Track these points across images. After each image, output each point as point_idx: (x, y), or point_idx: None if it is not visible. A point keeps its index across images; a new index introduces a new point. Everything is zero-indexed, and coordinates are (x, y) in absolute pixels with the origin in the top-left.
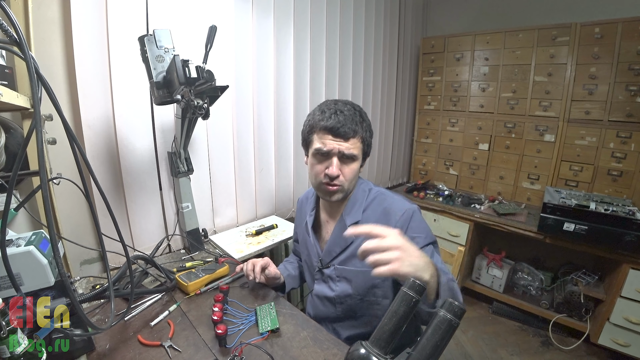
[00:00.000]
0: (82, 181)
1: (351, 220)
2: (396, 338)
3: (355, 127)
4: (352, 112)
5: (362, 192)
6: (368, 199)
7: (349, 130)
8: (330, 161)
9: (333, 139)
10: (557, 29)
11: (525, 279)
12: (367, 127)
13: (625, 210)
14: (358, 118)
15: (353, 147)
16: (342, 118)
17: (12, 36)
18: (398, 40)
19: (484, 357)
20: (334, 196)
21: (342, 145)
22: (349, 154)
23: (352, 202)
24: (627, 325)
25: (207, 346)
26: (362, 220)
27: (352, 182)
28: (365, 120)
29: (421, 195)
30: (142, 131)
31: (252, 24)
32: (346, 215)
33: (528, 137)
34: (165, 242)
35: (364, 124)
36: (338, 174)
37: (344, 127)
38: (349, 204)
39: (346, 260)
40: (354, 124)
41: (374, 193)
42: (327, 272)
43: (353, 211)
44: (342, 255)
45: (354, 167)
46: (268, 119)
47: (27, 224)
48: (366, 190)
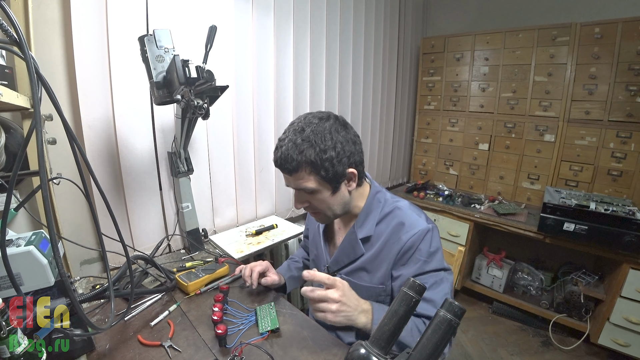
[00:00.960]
0: (82, 181)
1: (363, 233)
2: (396, 338)
3: (293, 163)
4: (292, 142)
5: (377, 203)
6: (383, 211)
7: (289, 167)
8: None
9: (283, 173)
10: (557, 29)
11: (525, 279)
12: (320, 150)
13: (625, 210)
14: (300, 147)
15: (301, 181)
16: (279, 154)
17: (12, 36)
18: (398, 40)
19: (484, 357)
20: (320, 222)
21: (290, 181)
22: (301, 188)
23: (365, 212)
24: (627, 325)
25: (207, 346)
26: (374, 235)
27: (335, 209)
28: (316, 143)
29: (421, 195)
30: (142, 131)
31: (252, 23)
32: (358, 228)
33: (528, 137)
34: (165, 242)
35: (312, 150)
36: (299, 207)
37: (284, 164)
38: (361, 215)
39: (353, 273)
40: (290, 158)
41: (389, 205)
42: None
43: (365, 223)
44: (349, 267)
45: (321, 197)
46: (268, 119)
47: (27, 224)
48: (381, 201)
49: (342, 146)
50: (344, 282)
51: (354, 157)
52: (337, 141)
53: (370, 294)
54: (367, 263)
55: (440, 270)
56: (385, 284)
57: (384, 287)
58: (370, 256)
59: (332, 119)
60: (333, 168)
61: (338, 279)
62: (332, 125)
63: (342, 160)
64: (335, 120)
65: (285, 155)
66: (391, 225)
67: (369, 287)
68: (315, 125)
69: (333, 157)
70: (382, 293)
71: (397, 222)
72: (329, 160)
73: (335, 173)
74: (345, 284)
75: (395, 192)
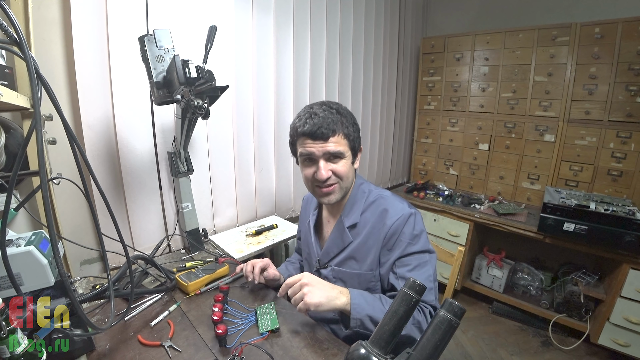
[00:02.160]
0: (82, 181)
1: (349, 222)
2: (396, 338)
3: (334, 126)
4: (328, 112)
5: (362, 193)
6: (367, 201)
7: (327, 131)
8: (318, 165)
9: (313, 142)
10: (557, 29)
11: (525, 279)
12: (349, 122)
13: (625, 210)
14: (335, 116)
15: (336, 145)
16: (317, 120)
17: (12, 36)
18: (398, 40)
19: (484, 357)
20: (331, 197)
21: (324, 146)
22: (333, 152)
23: (351, 202)
24: (627, 325)
25: (207, 346)
26: (360, 223)
27: (348, 180)
28: (346, 115)
29: (421, 195)
30: (142, 131)
31: (252, 23)
32: (344, 217)
33: (528, 137)
34: (165, 242)
35: (344, 119)
36: (328, 176)
37: (321, 129)
38: (347, 205)
39: (343, 262)
40: (331, 123)
41: (374, 195)
42: (325, 273)
43: (351, 212)
44: (340, 257)
45: (344, 163)
46: (268, 119)
47: (27, 224)
48: (366, 192)
49: (358, 126)
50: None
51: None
52: (356, 121)
53: (361, 280)
54: (355, 251)
55: (425, 253)
56: (374, 270)
57: (373, 272)
58: (357, 244)
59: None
60: (357, 139)
61: (303, 273)
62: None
63: (359, 136)
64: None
65: (324, 120)
66: (376, 213)
67: (359, 274)
68: (338, 105)
69: (358, 129)
70: (373, 279)
71: (381, 210)
72: (357, 131)
73: (356, 144)
74: (312, 275)
75: (395, 192)
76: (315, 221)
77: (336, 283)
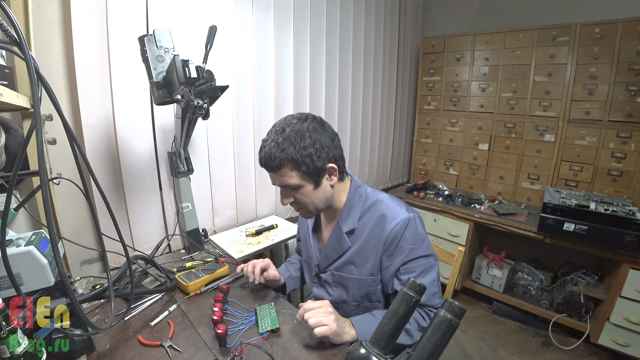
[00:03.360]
0: (82, 181)
1: (347, 227)
2: (396, 338)
3: (277, 161)
4: (274, 142)
5: (359, 197)
6: (365, 206)
7: (273, 165)
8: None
9: (268, 172)
10: (557, 29)
11: (525, 279)
12: (299, 148)
13: (625, 210)
14: (280, 147)
15: (286, 178)
16: (263, 153)
17: (12, 36)
18: (398, 40)
19: (484, 357)
20: (305, 216)
21: (274, 178)
22: (285, 184)
23: (348, 207)
24: (627, 325)
25: (207, 346)
26: (358, 228)
27: (315, 203)
28: (294, 141)
29: (421, 195)
30: (142, 131)
31: (252, 23)
32: (342, 222)
33: (528, 137)
34: (165, 242)
35: (292, 148)
36: (285, 204)
37: (268, 162)
38: (344, 210)
39: (342, 267)
40: (274, 157)
41: (371, 199)
42: (324, 277)
43: (349, 217)
44: (339, 262)
45: (305, 192)
46: (268, 119)
47: (27, 224)
48: (363, 195)
49: (320, 143)
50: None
51: (333, 152)
52: (316, 139)
53: (361, 285)
54: (354, 256)
55: (429, 257)
56: (375, 274)
57: (374, 277)
58: (356, 249)
59: (310, 118)
60: (313, 163)
61: (325, 301)
62: (310, 124)
63: (322, 155)
64: (313, 120)
65: (268, 154)
66: (374, 218)
67: (359, 279)
68: (294, 125)
69: (312, 153)
70: (373, 284)
71: (379, 215)
72: (309, 156)
73: (315, 168)
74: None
75: (395, 192)
76: (313, 224)
77: (336, 287)
